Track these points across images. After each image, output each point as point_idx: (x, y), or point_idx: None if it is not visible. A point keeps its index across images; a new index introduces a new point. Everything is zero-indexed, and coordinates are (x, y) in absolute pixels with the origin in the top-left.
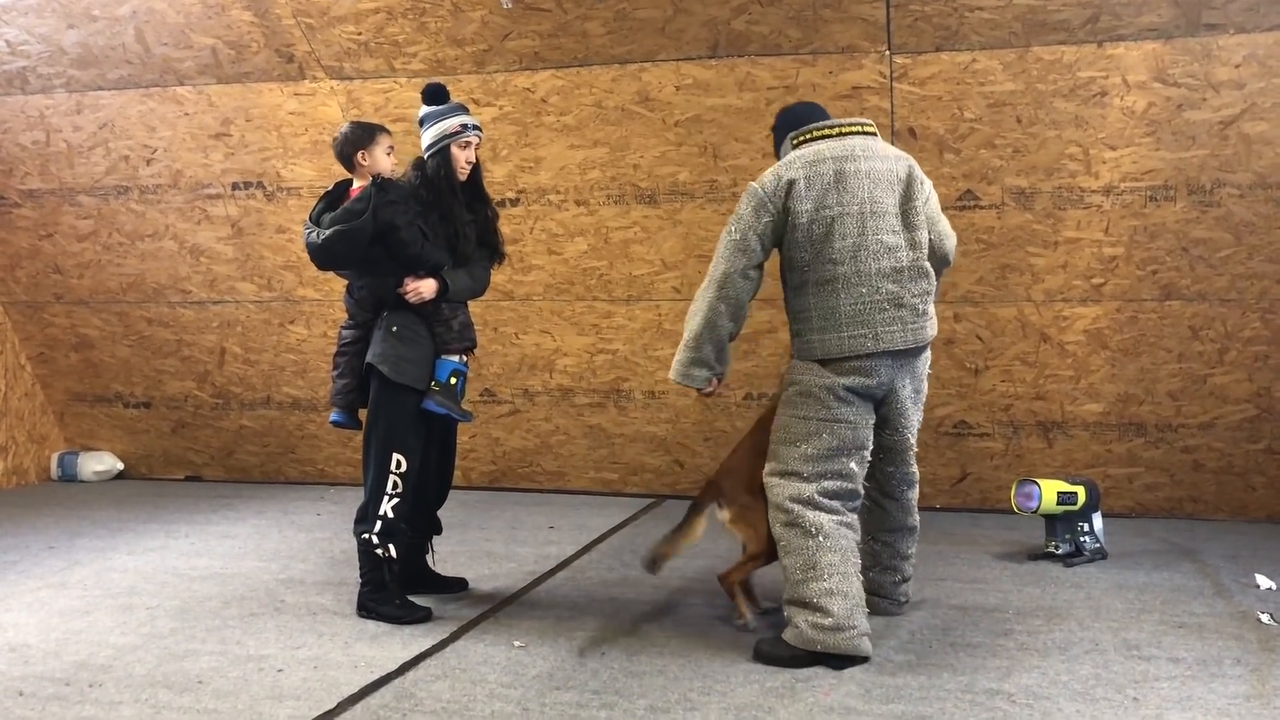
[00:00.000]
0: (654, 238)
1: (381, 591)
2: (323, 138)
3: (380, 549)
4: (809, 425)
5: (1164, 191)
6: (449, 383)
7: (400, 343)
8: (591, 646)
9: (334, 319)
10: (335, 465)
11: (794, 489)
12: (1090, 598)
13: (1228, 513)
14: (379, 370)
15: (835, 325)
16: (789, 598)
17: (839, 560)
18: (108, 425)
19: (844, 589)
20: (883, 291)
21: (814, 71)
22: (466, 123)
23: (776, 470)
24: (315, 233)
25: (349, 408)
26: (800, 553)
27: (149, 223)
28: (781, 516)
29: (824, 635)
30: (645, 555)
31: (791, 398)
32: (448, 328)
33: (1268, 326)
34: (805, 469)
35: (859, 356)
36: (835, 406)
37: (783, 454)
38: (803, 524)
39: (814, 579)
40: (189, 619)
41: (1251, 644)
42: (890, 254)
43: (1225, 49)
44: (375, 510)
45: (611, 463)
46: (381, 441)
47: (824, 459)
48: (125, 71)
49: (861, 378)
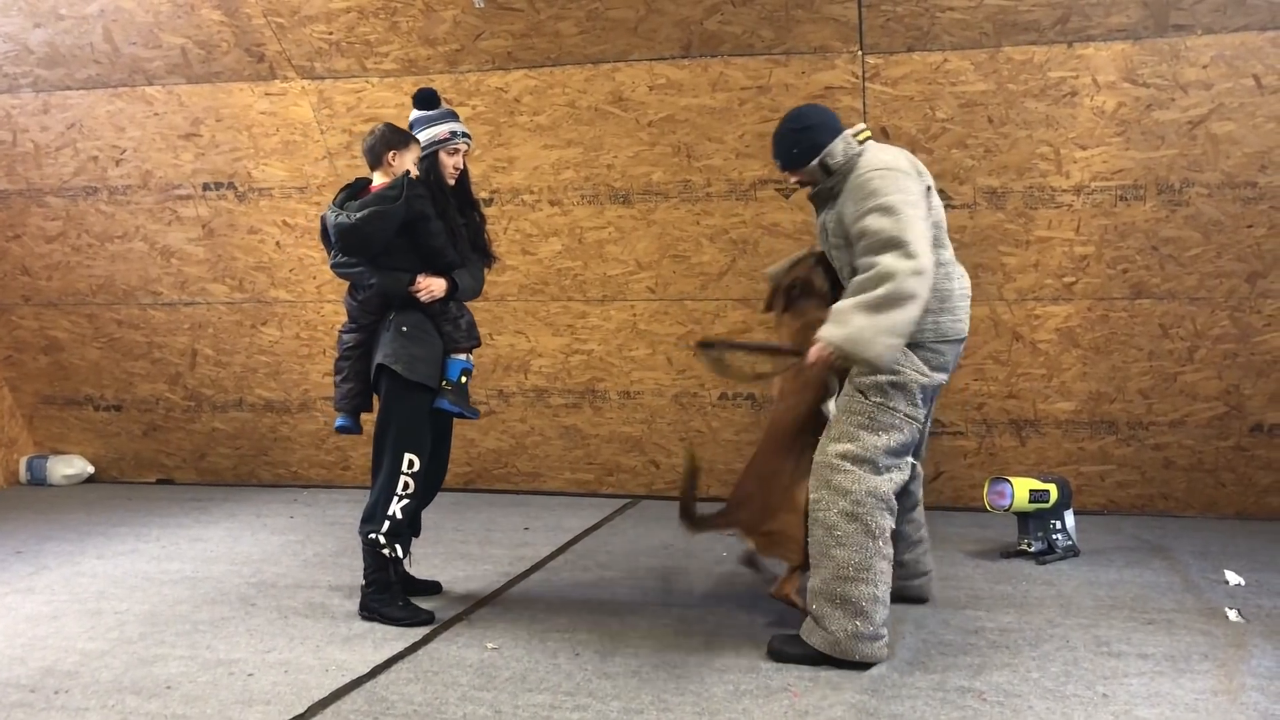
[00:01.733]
0: (628, 238)
1: (386, 593)
2: (294, 138)
3: (387, 549)
4: (895, 418)
5: (1134, 191)
6: (460, 381)
7: (411, 342)
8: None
9: (306, 320)
10: (309, 467)
11: (871, 482)
12: (1061, 595)
13: (1198, 509)
14: (392, 370)
15: (949, 308)
16: (827, 591)
17: (886, 569)
18: (78, 428)
19: (885, 597)
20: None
21: (787, 72)
22: (456, 130)
23: (854, 455)
24: (344, 215)
25: (354, 412)
26: (858, 550)
27: (119, 224)
28: (846, 505)
29: (862, 645)
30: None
31: (884, 386)
32: (456, 326)
33: (1236, 325)
34: (883, 461)
35: (958, 340)
36: (921, 406)
37: (867, 441)
38: (869, 522)
39: (865, 581)
40: (158, 623)
41: (1219, 640)
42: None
43: (1193, 50)
44: (384, 510)
45: (587, 463)
46: (395, 442)
47: (899, 454)
48: (93, 71)
49: (943, 374)
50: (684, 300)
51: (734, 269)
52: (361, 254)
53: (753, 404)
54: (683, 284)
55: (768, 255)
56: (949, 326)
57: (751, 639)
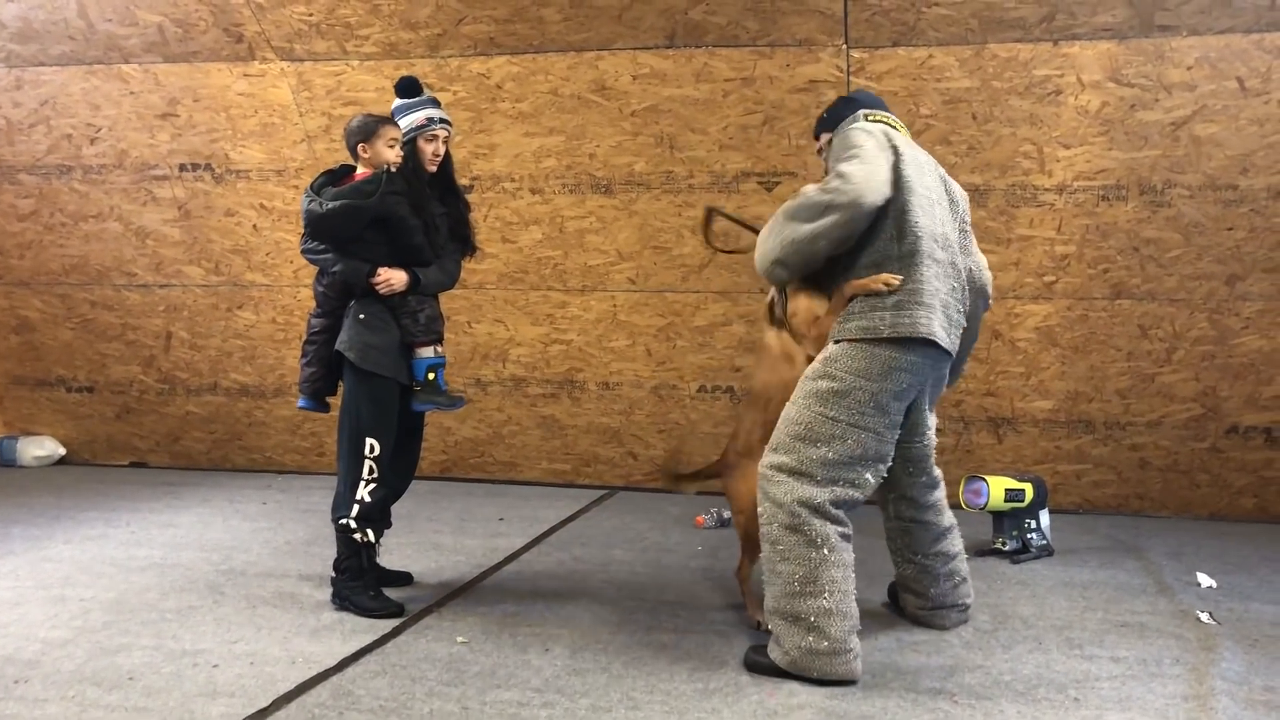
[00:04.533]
0: (609, 228)
1: (358, 580)
2: (272, 120)
3: (359, 533)
4: (836, 428)
5: (1116, 191)
6: (428, 379)
7: (368, 330)
8: (536, 642)
9: (283, 305)
10: (284, 453)
11: (805, 492)
12: (1035, 595)
13: (1172, 509)
14: (347, 357)
15: (915, 303)
16: (777, 609)
17: (840, 576)
18: (49, 409)
19: (843, 608)
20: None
21: (771, 64)
22: (433, 116)
23: (787, 466)
24: (317, 202)
25: (314, 395)
26: (801, 563)
27: (93, 203)
28: (784, 518)
29: (818, 661)
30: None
31: (823, 394)
32: (414, 320)
33: (1214, 327)
34: (822, 473)
35: (924, 343)
36: (874, 414)
37: (802, 452)
38: (809, 533)
39: (813, 594)
40: (123, 611)
41: (1191, 643)
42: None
43: (1178, 50)
44: (352, 495)
45: (564, 454)
46: (354, 428)
47: (846, 466)
48: (68, 47)
49: (904, 378)
50: (664, 292)
51: (715, 261)
52: (328, 243)
53: (731, 397)
54: (664, 275)
55: (750, 248)
56: (906, 324)
57: (722, 636)
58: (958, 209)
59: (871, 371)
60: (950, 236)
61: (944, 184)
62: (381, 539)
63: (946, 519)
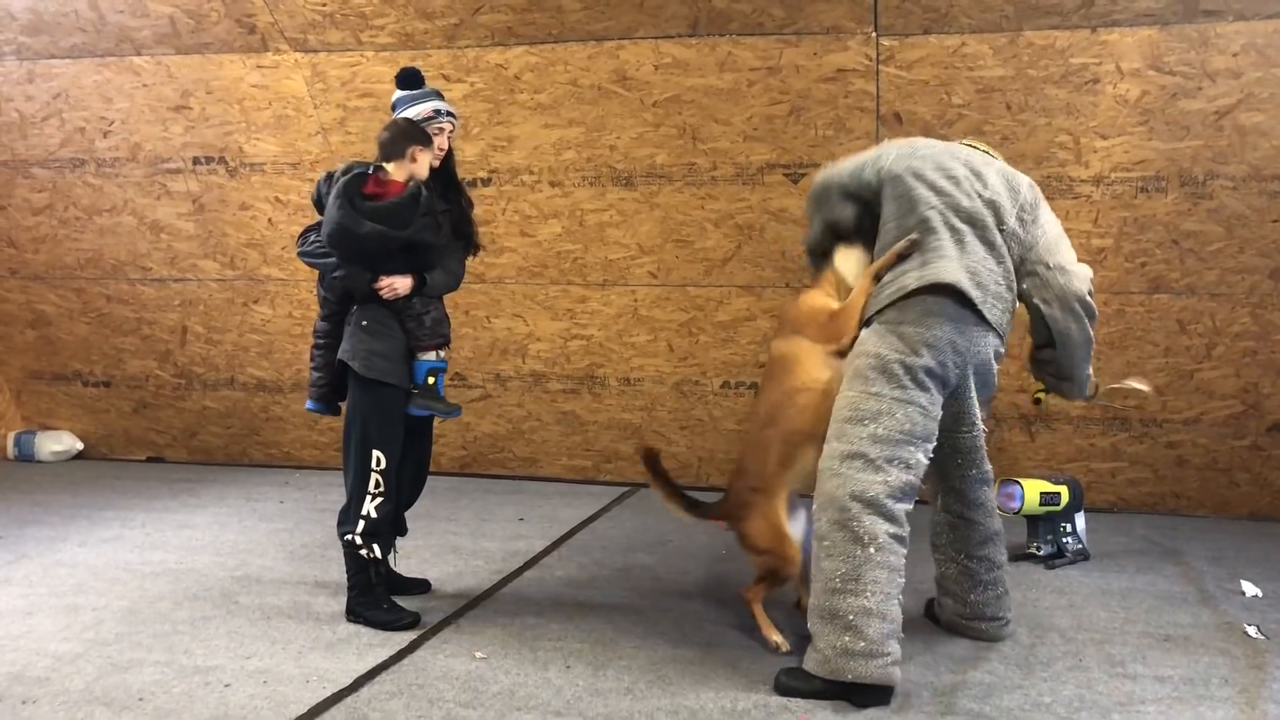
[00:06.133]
0: (630, 221)
1: (369, 595)
2: (287, 112)
3: (364, 549)
4: (881, 403)
5: (1155, 182)
6: (428, 383)
7: (371, 337)
8: (556, 658)
9: (299, 299)
10: (301, 448)
11: (859, 483)
12: (1073, 604)
13: (1210, 509)
14: (350, 367)
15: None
16: (817, 606)
17: (885, 578)
18: (66, 404)
19: (884, 610)
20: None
21: (798, 53)
22: (440, 108)
23: (842, 453)
24: (349, 213)
25: (322, 399)
26: (845, 559)
27: (107, 197)
28: (833, 513)
29: (854, 662)
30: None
31: (863, 372)
32: (419, 323)
33: (1257, 322)
34: (874, 452)
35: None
36: (914, 388)
37: (850, 433)
38: (856, 529)
39: (853, 593)
40: (136, 622)
41: (1239, 660)
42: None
43: (1223, 37)
44: (358, 510)
45: (585, 450)
46: (360, 439)
47: (895, 443)
48: (79, 39)
49: (929, 353)
50: (687, 286)
51: (739, 255)
52: (346, 258)
53: (755, 393)
54: (686, 270)
55: (774, 241)
56: (931, 273)
57: (750, 650)
58: (1019, 197)
59: (905, 345)
60: (979, 212)
61: (997, 176)
62: (394, 548)
63: (996, 523)
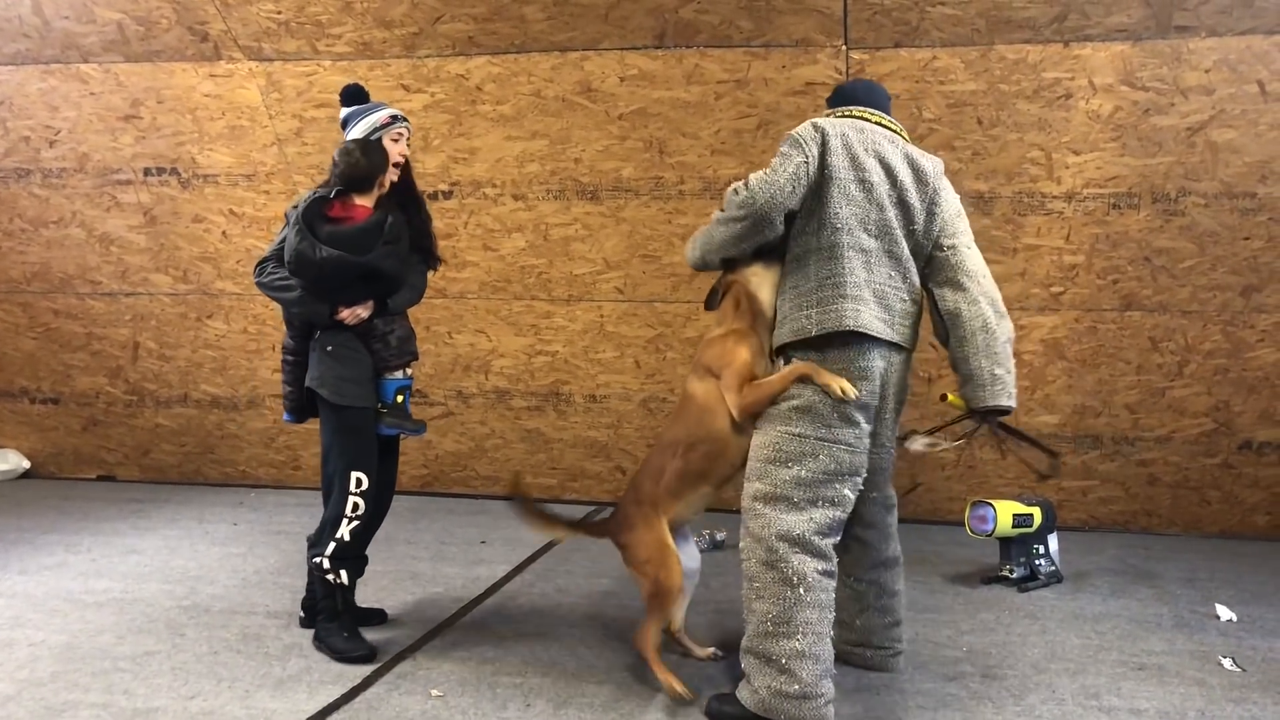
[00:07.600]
0: (596, 235)
1: (333, 621)
2: (241, 122)
3: (331, 574)
4: (805, 444)
5: (1127, 199)
6: (396, 402)
7: (338, 363)
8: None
9: (254, 314)
10: (257, 466)
11: (783, 524)
12: (1046, 630)
13: (1181, 527)
14: (320, 394)
15: (840, 295)
16: (751, 646)
17: (816, 618)
18: (12, 422)
19: (816, 651)
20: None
21: (766, 65)
22: (396, 114)
23: (764, 494)
24: (309, 242)
25: (296, 411)
26: (775, 601)
27: (53, 208)
28: (761, 553)
29: (787, 704)
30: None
31: (786, 413)
32: (385, 344)
33: (1229, 339)
34: (797, 495)
35: (855, 335)
36: (840, 425)
37: (774, 475)
38: (785, 570)
39: (785, 635)
40: (75, 659)
41: (1215, 692)
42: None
43: (1196, 52)
44: (332, 533)
45: (550, 468)
46: (339, 464)
47: (817, 485)
48: (22, 46)
49: (863, 385)
50: (654, 302)
51: (707, 271)
52: (307, 285)
53: None
54: (653, 285)
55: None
56: (832, 318)
57: (710, 682)
58: (926, 188)
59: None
60: (889, 221)
61: (905, 166)
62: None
63: (892, 549)
